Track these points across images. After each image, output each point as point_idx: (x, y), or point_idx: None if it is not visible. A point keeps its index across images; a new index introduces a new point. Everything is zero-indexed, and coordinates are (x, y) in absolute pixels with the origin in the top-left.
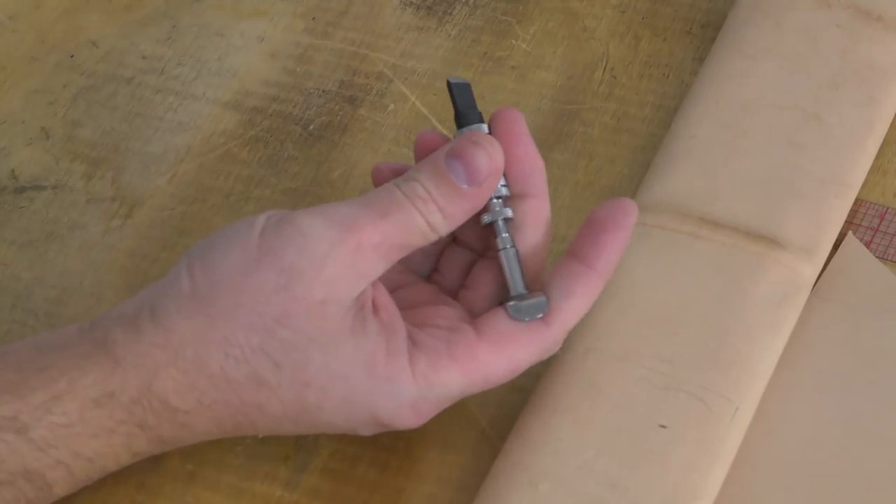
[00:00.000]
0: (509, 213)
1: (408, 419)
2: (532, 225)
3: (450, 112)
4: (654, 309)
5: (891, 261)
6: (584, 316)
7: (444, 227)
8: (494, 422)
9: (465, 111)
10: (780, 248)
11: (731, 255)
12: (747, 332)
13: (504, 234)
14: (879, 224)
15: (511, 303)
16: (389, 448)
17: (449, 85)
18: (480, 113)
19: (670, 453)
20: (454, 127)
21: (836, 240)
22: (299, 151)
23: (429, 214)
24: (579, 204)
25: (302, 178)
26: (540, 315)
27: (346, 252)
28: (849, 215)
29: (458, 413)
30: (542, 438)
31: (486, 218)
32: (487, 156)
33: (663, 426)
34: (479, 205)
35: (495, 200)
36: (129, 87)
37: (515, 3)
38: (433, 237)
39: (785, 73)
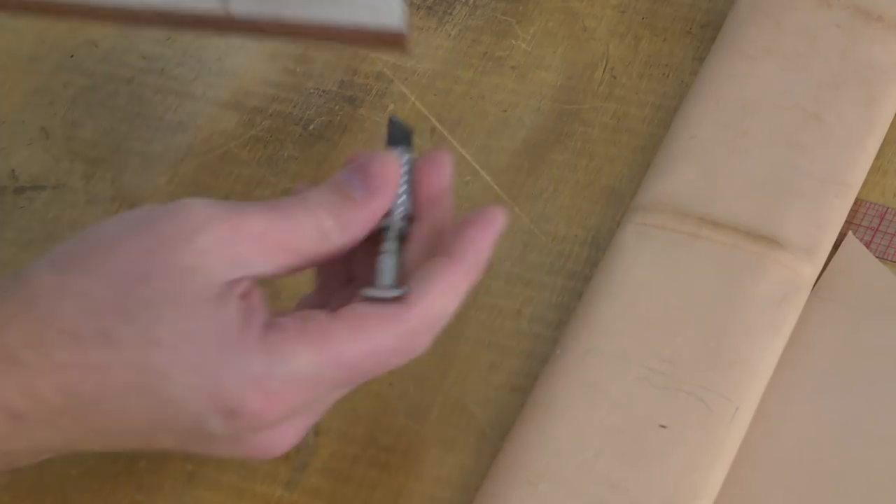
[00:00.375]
0: (404, 227)
1: (256, 400)
2: (423, 248)
3: (449, 113)
4: (654, 309)
5: (891, 261)
6: (584, 316)
7: (337, 234)
8: (494, 421)
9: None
10: (780, 248)
11: (731, 255)
12: (747, 332)
13: (389, 242)
14: (879, 224)
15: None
16: (389, 448)
17: (389, 122)
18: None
19: (670, 453)
20: (454, 127)
21: (836, 240)
22: (299, 151)
23: (321, 219)
24: (579, 204)
25: (302, 178)
26: (395, 294)
27: (224, 229)
28: (849, 215)
29: (458, 413)
30: (541, 438)
31: (380, 224)
32: (381, 164)
33: (663, 426)
34: (373, 215)
35: (396, 213)
36: (129, 87)
37: (515, 3)
38: (325, 246)
39: (785, 73)
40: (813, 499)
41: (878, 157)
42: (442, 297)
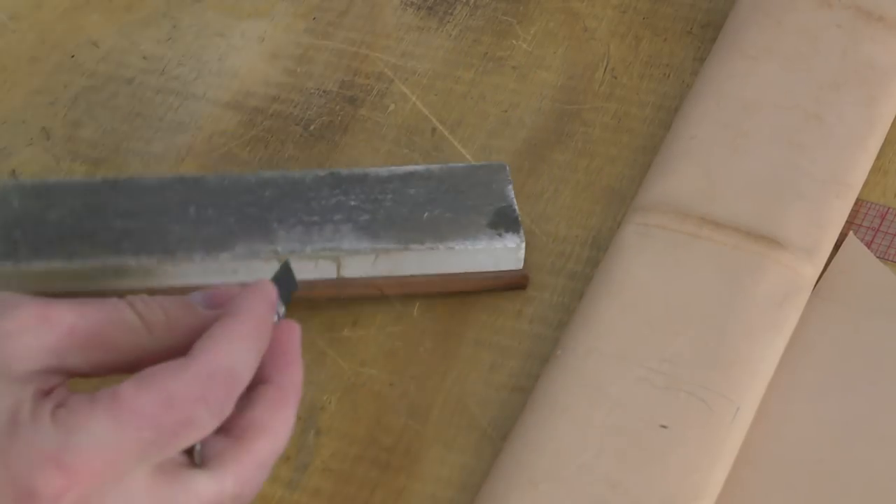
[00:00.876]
0: None
1: (52, 476)
2: (267, 405)
3: (450, 113)
4: (655, 309)
5: (891, 261)
6: (585, 316)
7: (162, 326)
8: (495, 422)
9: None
10: (781, 249)
11: (731, 255)
12: (748, 332)
13: None
14: (880, 224)
15: None
16: (390, 448)
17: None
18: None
19: (671, 453)
20: (454, 127)
21: (837, 240)
22: (300, 151)
23: (147, 311)
24: (579, 204)
25: None
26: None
27: (32, 317)
28: (850, 215)
29: (458, 413)
30: (542, 438)
31: None
32: (226, 287)
33: (664, 426)
34: (205, 321)
35: None
36: (130, 88)
37: (516, 3)
38: (149, 342)
39: (786, 73)
40: (814, 499)
41: (878, 157)
42: (225, 347)
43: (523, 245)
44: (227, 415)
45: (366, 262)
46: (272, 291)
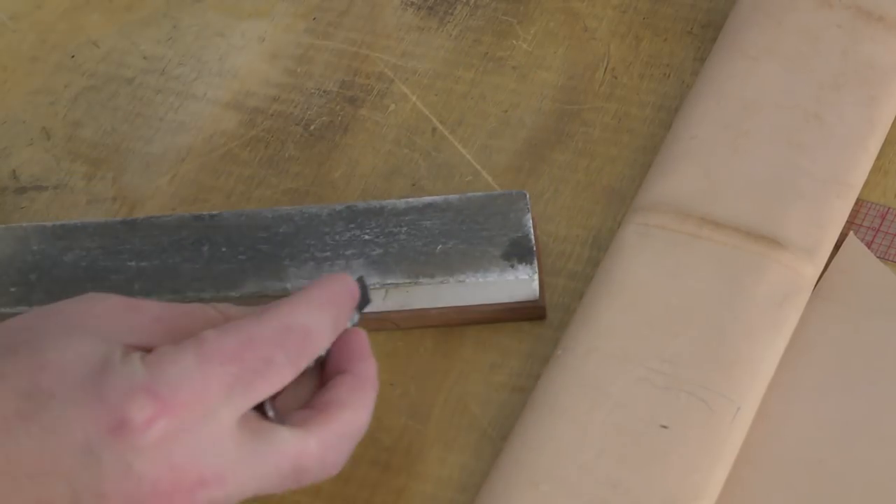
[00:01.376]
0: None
1: (144, 403)
2: (343, 392)
3: (450, 113)
4: (655, 309)
5: (892, 261)
6: (585, 316)
7: (240, 317)
8: (496, 422)
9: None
10: (781, 249)
11: (732, 255)
12: (748, 332)
13: None
14: (881, 224)
15: None
16: (391, 448)
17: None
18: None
19: (671, 453)
20: (455, 127)
21: (838, 240)
22: (300, 152)
23: (225, 308)
24: (580, 204)
25: (303, 178)
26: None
27: (120, 305)
28: (850, 215)
29: (459, 413)
30: (542, 438)
31: None
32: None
33: (664, 426)
34: None
35: None
36: (130, 88)
37: (516, 3)
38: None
39: (786, 73)
40: (814, 499)
41: (879, 158)
42: (301, 307)
43: (537, 276)
44: (302, 368)
45: (376, 296)
46: (351, 280)
